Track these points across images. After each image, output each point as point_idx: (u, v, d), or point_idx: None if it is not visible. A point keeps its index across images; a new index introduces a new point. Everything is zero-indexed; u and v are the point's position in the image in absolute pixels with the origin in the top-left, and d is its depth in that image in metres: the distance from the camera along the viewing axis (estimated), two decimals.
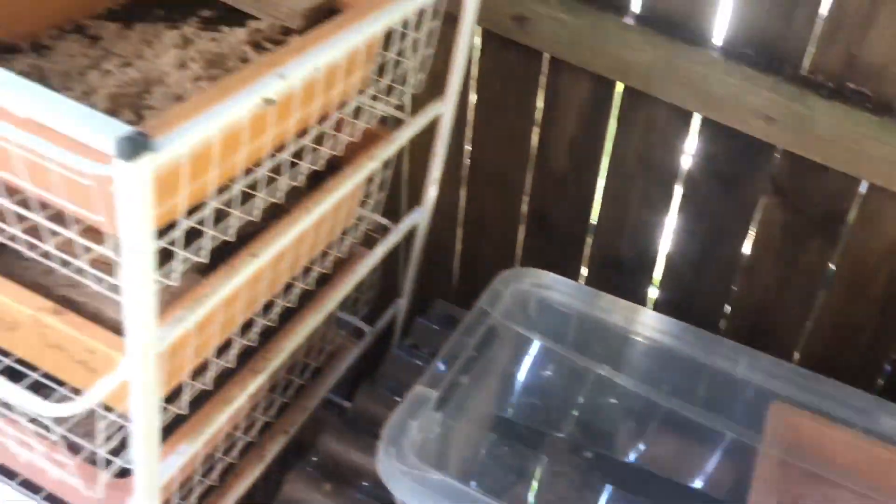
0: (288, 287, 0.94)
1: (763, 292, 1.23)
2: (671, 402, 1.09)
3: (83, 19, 0.91)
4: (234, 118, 0.62)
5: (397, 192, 1.38)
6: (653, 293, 1.33)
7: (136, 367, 0.64)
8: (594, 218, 1.30)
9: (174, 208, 0.66)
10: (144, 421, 0.69)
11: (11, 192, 0.67)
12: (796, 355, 1.27)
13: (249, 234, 0.81)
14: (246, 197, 0.77)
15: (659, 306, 1.31)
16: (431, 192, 1.18)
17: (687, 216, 1.23)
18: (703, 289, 1.27)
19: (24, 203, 0.68)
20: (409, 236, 1.20)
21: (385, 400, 1.18)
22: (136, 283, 0.59)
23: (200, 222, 0.70)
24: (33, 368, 0.81)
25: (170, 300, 0.71)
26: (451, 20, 0.99)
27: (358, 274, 1.07)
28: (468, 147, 1.34)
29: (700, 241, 1.23)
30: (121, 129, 0.52)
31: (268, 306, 0.92)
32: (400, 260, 1.46)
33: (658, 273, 1.31)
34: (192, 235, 0.72)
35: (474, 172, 1.36)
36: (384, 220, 1.14)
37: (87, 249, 0.66)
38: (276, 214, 0.84)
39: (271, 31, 0.90)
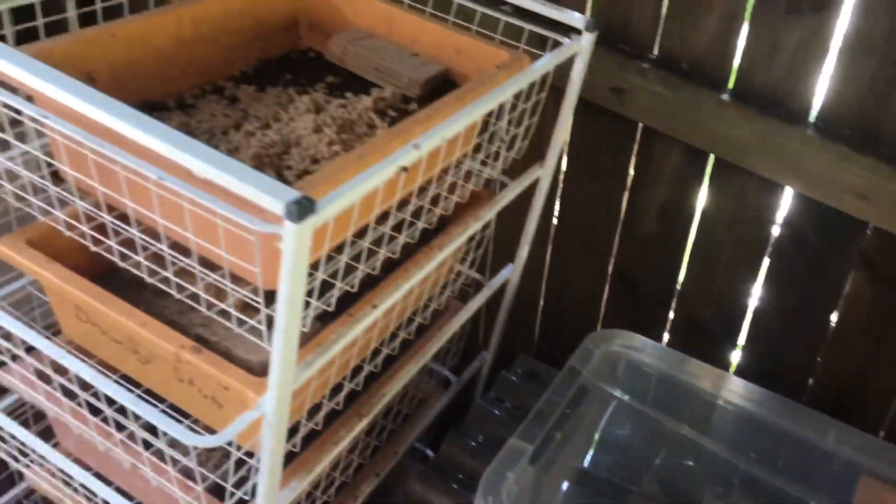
0: (393, 336, 1.00)
1: (849, 366, 1.23)
2: (755, 468, 1.10)
3: (220, 80, 1.00)
4: (375, 184, 0.68)
5: (486, 247, 1.44)
6: (734, 358, 1.35)
7: (273, 404, 0.70)
8: (679, 282, 1.33)
9: (314, 261, 0.72)
10: (272, 455, 0.74)
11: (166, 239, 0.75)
12: (881, 432, 1.26)
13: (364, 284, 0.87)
14: (368, 251, 0.83)
15: (740, 373, 1.32)
16: (524, 250, 1.23)
17: (773, 285, 1.24)
18: (788, 359, 1.28)
19: (173, 248, 0.75)
20: (497, 290, 1.25)
21: (468, 449, 1.22)
22: (286, 327, 0.65)
23: (332, 274, 0.77)
24: (159, 399, 0.88)
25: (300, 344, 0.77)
26: (551, 90, 1.05)
27: (454, 325, 1.12)
28: (556, 204, 1.38)
29: (786, 311, 1.25)
30: (291, 193, 0.58)
31: (374, 353, 0.97)
32: (483, 313, 1.51)
33: (741, 340, 1.32)
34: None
35: (561, 230, 1.40)
36: (478, 276, 1.20)
37: (233, 294, 0.73)
38: (387, 267, 0.90)
39: (393, 98, 0.97)
